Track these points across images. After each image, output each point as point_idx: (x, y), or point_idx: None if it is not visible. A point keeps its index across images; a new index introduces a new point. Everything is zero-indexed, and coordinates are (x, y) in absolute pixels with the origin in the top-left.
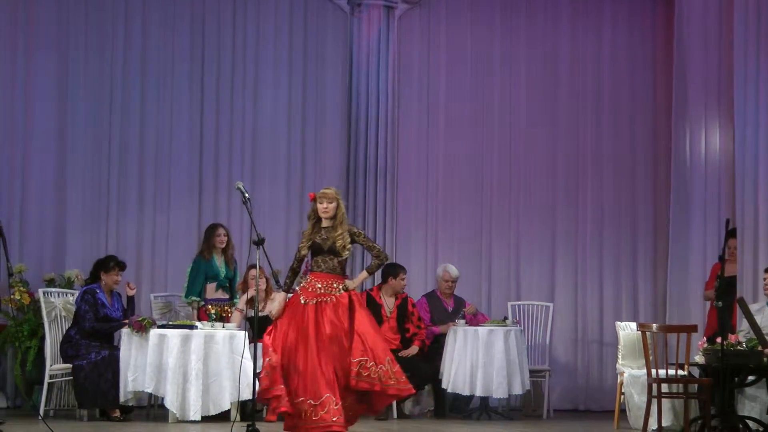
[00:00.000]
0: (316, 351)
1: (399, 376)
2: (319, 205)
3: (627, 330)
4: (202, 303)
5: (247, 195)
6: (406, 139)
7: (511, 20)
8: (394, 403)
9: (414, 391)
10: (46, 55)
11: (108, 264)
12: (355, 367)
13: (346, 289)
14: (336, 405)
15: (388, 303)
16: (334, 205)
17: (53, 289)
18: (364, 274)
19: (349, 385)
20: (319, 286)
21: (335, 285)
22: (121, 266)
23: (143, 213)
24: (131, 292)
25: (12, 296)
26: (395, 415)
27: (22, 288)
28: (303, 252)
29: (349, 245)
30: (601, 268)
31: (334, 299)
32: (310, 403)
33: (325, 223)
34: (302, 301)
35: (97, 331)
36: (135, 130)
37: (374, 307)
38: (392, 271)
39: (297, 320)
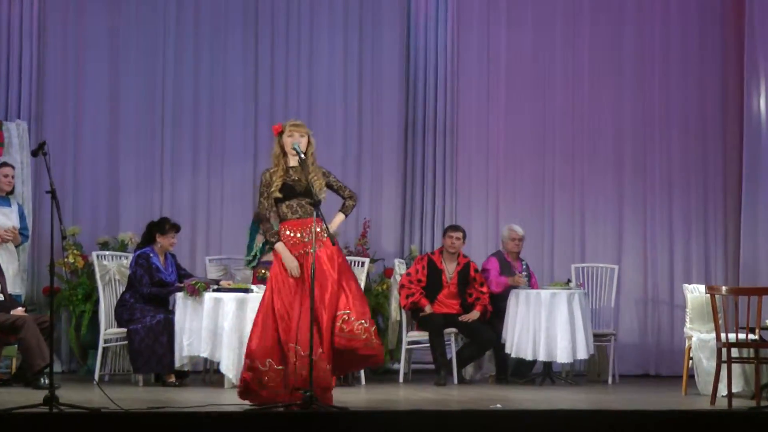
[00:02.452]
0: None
1: (376, 336)
2: (288, 138)
3: (695, 293)
4: (255, 265)
5: (302, 156)
6: (466, 96)
7: None
8: (455, 368)
9: (381, 361)
10: (98, 12)
11: (164, 226)
12: (338, 321)
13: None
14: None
15: (449, 268)
16: (305, 140)
17: (107, 252)
18: (341, 216)
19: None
20: (299, 235)
21: (318, 230)
22: (177, 228)
23: (197, 174)
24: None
25: (66, 259)
26: (455, 381)
27: (75, 251)
28: (275, 195)
29: (325, 186)
30: (670, 228)
31: (322, 245)
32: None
33: (292, 162)
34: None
35: (154, 296)
36: (189, 89)
37: (435, 273)
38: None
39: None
